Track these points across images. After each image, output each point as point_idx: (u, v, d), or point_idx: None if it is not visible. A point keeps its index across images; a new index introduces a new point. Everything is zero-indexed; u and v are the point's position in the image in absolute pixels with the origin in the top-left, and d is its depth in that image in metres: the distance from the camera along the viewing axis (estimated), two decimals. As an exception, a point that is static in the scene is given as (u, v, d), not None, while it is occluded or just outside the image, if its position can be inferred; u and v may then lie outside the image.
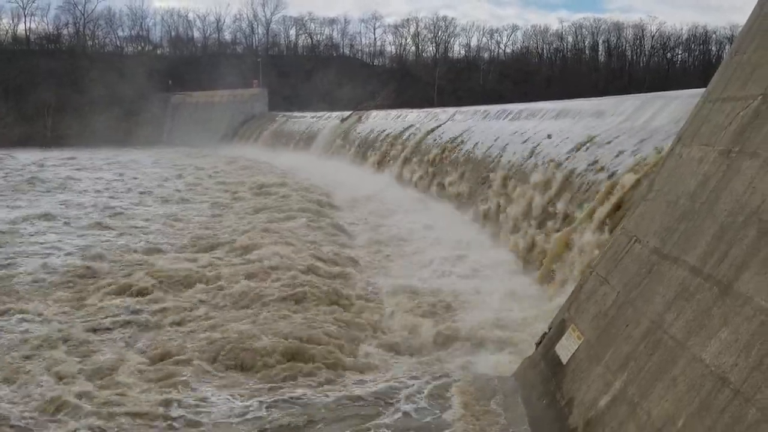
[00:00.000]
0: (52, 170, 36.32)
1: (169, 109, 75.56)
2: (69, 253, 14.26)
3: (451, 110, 29.56)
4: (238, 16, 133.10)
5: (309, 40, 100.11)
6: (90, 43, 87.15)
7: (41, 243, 15.54)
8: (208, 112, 70.83)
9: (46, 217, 19.09)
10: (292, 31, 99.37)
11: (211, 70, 77.44)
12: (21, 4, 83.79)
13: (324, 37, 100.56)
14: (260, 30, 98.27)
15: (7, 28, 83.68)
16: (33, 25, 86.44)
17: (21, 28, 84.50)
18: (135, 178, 32.48)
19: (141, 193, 26.44)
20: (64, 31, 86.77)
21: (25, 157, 44.87)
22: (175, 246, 15.24)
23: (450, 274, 12.35)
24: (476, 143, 21.21)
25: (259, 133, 59.97)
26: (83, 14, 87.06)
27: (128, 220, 19.26)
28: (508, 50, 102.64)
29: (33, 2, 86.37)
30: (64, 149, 56.76)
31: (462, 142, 22.69)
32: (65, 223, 18.31)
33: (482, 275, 12.13)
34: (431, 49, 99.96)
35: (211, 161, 44.48)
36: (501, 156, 18.15)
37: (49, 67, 70.51)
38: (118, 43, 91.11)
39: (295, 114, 58.46)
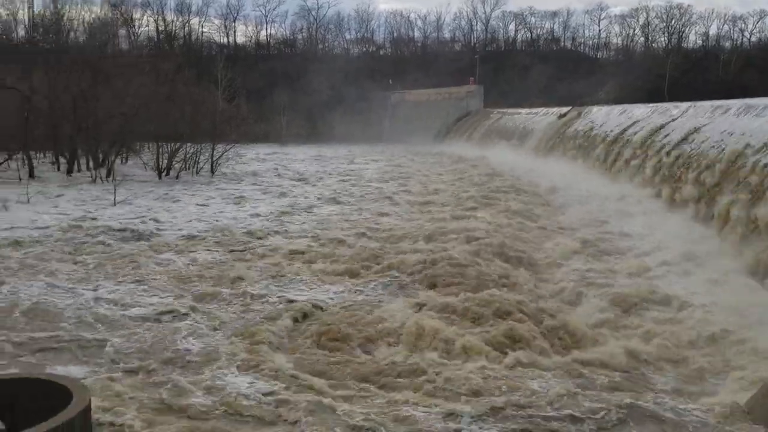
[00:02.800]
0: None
1: (389, 107, 78.54)
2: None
3: (684, 105, 26.62)
4: (457, 14, 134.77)
5: (528, 35, 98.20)
6: (321, 46, 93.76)
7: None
8: (425, 109, 72.39)
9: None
10: (511, 27, 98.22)
11: (429, 68, 79.00)
12: (263, 12, 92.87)
13: (544, 31, 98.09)
14: (479, 27, 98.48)
15: (251, 35, 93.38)
16: (273, 31, 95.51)
17: (263, 35, 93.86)
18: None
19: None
20: (299, 36, 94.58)
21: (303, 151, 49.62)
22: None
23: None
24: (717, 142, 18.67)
25: (473, 131, 59.90)
26: (316, 19, 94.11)
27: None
28: (754, 39, 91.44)
29: (273, 10, 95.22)
30: (297, 146, 61.90)
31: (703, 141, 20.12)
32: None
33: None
34: (662, 39, 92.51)
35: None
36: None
37: (284, 70, 77.04)
38: (345, 45, 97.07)
39: (510, 110, 57.38)
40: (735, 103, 21.52)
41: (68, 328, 9.63)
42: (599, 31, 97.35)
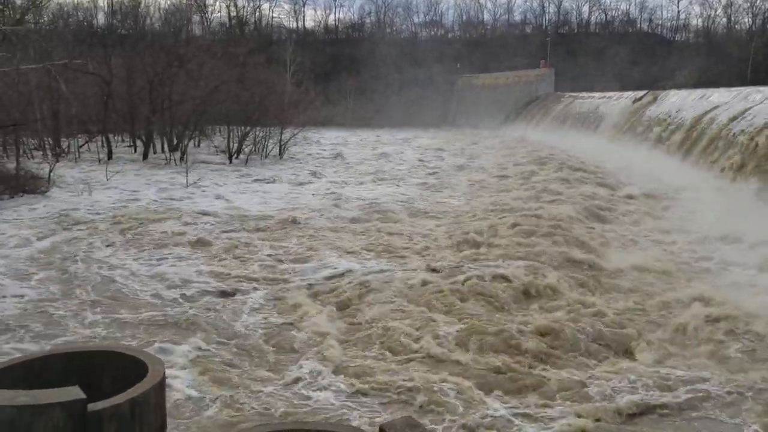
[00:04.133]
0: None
1: (456, 91, 77.75)
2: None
3: (767, 89, 25.22)
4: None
5: (603, 17, 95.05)
6: (388, 30, 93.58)
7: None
8: (492, 93, 71.28)
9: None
10: (585, 8, 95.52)
11: (498, 52, 77.68)
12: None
13: (619, 12, 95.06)
14: (551, 9, 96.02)
15: (320, 19, 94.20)
16: (341, 16, 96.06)
17: (331, 19, 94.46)
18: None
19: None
20: (367, 20, 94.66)
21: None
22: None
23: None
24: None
25: (543, 115, 58.61)
26: (384, 3, 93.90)
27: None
28: None
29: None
30: (365, 129, 62.11)
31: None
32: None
33: None
34: (747, 20, 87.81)
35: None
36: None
37: (351, 54, 77.33)
38: (413, 29, 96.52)
39: (582, 94, 55.77)
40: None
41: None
42: (678, 12, 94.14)
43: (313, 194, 21.87)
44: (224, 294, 10.78)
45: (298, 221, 16.71)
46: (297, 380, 7.51)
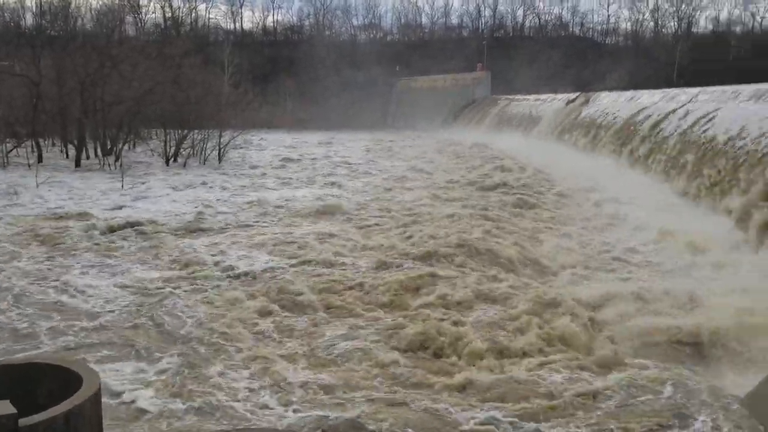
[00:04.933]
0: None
1: (395, 94, 78.29)
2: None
3: (693, 91, 26.43)
4: (465, 0, 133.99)
5: (537, 21, 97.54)
6: (327, 32, 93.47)
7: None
8: (431, 96, 72.08)
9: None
10: (520, 12, 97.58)
11: (436, 54, 78.60)
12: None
13: (553, 16, 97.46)
14: (487, 13, 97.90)
15: (258, 21, 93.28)
16: (279, 17, 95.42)
17: (269, 21, 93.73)
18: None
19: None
20: (306, 22, 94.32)
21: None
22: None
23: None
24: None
25: (481, 117, 59.65)
26: (323, 5, 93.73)
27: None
28: (766, 23, 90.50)
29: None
30: (304, 132, 61.65)
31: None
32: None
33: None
34: (672, 24, 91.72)
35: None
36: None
37: (290, 56, 76.91)
38: (352, 31, 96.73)
39: (518, 97, 57.07)
40: (745, 89, 21.39)
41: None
42: (608, 16, 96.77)
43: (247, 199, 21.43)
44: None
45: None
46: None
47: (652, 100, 29.24)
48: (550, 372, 7.55)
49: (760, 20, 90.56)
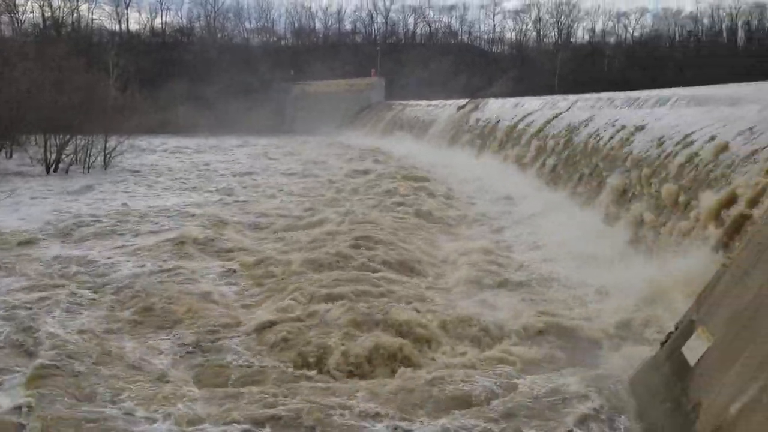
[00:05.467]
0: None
1: (290, 98, 77.96)
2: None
3: (572, 98, 28.28)
4: (358, 6, 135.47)
5: (427, 28, 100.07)
6: (219, 35, 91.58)
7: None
8: (326, 100, 72.29)
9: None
10: (411, 20, 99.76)
11: (330, 59, 78.97)
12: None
13: (442, 24, 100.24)
14: (379, 19, 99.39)
15: (145, 22, 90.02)
16: (168, 19, 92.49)
17: (158, 22, 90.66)
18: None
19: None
20: (196, 25, 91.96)
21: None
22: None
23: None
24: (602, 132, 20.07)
25: (375, 121, 60.57)
26: (214, 8, 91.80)
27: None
28: (637, 34, 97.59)
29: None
30: (195, 137, 59.92)
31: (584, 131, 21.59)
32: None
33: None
34: (553, 34, 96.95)
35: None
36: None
37: (181, 59, 74.80)
38: (245, 35, 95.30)
39: (411, 102, 58.46)
40: (618, 95, 23.30)
41: None
42: (494, 25, 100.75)
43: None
44: None
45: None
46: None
47: (534, 105, 31.00)
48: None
49: (631, 32, 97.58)
